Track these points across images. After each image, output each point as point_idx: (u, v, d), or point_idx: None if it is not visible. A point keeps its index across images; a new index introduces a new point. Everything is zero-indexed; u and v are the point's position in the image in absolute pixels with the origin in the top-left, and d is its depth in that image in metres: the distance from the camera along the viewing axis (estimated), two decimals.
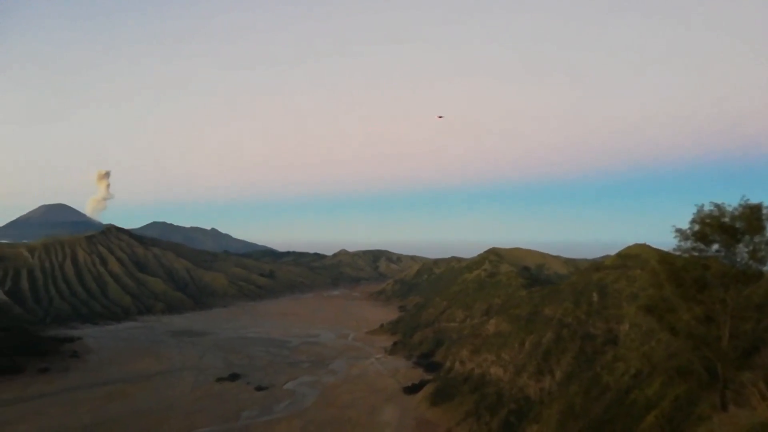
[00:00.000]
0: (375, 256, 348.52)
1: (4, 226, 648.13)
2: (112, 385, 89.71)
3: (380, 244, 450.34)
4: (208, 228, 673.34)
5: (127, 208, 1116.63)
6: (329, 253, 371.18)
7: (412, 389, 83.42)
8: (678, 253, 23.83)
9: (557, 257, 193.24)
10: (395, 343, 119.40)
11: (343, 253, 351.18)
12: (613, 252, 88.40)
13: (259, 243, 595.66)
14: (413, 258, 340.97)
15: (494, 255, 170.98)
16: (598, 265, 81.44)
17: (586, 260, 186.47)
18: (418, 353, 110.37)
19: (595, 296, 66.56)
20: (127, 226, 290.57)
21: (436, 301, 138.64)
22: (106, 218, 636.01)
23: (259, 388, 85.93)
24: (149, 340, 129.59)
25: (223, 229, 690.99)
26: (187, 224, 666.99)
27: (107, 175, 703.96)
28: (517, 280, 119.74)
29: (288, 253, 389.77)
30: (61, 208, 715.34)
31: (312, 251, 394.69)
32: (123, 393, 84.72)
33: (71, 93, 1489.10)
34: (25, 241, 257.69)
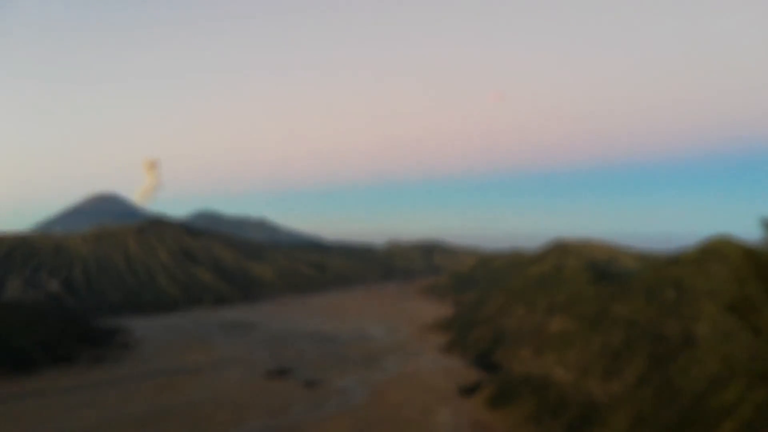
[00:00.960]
0: (429, 249, 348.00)
1: (56, 216, 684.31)
2: (163, 375, 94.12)
3: (435, 236, 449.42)
4: (257, 218, 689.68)
5: (176, 198, 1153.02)
6: (380, 245, 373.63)
7: (468, 390, 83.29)
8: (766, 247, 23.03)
9: (628, 251, 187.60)
10: (450, 341, 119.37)
11: (394, 245, 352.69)
12: (691, 245, 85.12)
13: (309, 234, 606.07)
14: (470, 250, 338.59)
15: (559, 248, 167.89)
16: (674, 260, 78.58)
17: (660, 254, 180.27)
18: (474, 352, 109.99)
19: (669, 293, 64.53)
20: (175, 216, 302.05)
21: (494, 296, 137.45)
22: (155, 208, 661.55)
23: (309, 384, 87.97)
24: (198, 332, 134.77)
25: (272, 219, 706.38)
26: (235, 214, 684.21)
27: (156, 164, 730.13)
28: (583, 276, 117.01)
29: (337, 245, 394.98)
30: (112, 197, 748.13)
31: (363, 243, 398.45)
32: (174, 384, 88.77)
33: (120, 81, 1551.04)
34: (76, 230, 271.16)
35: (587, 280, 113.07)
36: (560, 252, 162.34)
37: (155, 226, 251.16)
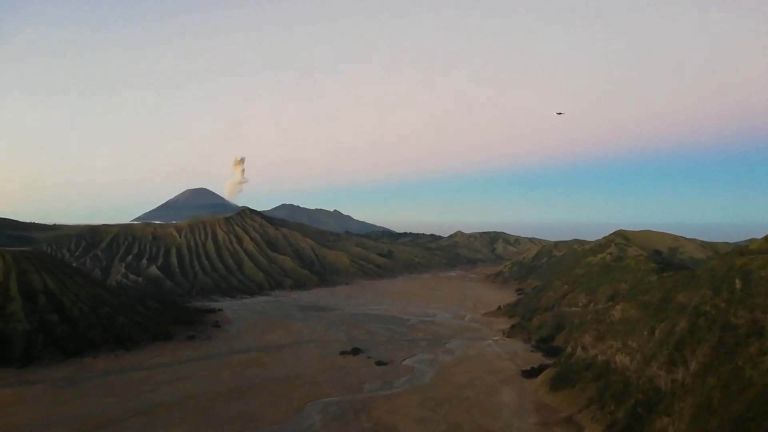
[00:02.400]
0: (492, 238, 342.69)
1: (155, 209, 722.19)
2: (249, 353, 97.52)
3: (497, 225, 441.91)
4: (331, 210, 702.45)
5: (260, 192, 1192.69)
6: (445, 234, 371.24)
7: (530, 373, 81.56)
8: None
9: (693, 240, 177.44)
10: (513, 326, 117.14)
11: (459, 234, 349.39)
12: (760, 235, 79.13)
13: (378, 224, 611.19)
14: (532, 240, 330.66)
15: (621, 238, 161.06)
16: (742, 250, 73.22)
17: (727, 244, 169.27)
18: (537, 337, 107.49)
19: (738, 283, 60.17)
20: (259, 208, 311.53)
21: (556, 284, 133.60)
22: (241, 201, 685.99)
23: (380, 363, 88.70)
24: (280, 314, 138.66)
25: (344, 211, 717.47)
26: (311, 206, 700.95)
27: (242, 161, 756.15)
28: (646, 265, 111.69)
29: (405, 234, 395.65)
30: (203, 191, 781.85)
31: (428, 232, 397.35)
32: (258, 361, 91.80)
33: (208, 83, 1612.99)
34: (173, 221, 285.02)
35: (650, 268, 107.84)
36: (622, 241, 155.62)
37: (241, 217, 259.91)
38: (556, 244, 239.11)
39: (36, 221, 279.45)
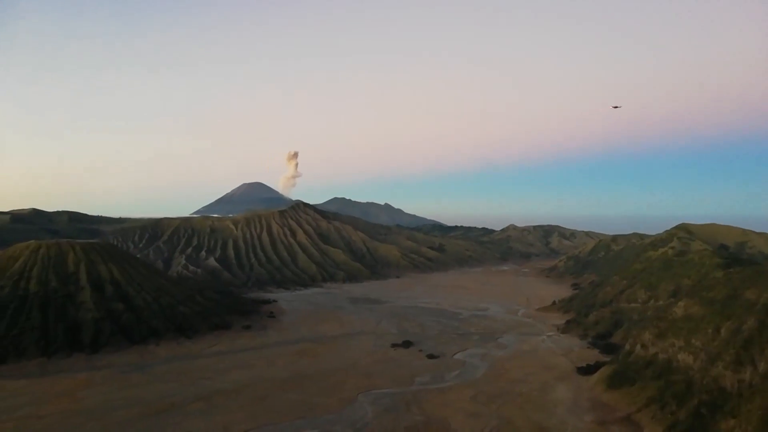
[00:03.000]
0: (546, 232, 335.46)
1: (213, 203, 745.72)
2: (302, 343, 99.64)
3: (552, 218, 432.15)
4: (382, 203, 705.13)
5: (312, 185, 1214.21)
6: (497, 227, 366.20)
7: (586, 370, 79.63)
8: None
9: (763, 234, 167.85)
10: (568, 322, 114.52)
11: (512, 228, 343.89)
12: None
13: (429, 217, 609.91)
14: (588, 234, 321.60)
15: (684, 231, 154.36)
16: None
17: None
18: (593, 333, 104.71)
19: None
20: (312, 202, 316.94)
21: (614, 279, 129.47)
22: (295, 194, 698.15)
23: (431, 356, 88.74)
24: (332, 305, 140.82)
25: (395, 204, 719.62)
26: (363, 200, 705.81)
27: (296, 155, 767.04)
28: (711, 260, 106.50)
29: (456, 228, 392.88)
30: (258, 186, 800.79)
31: (480, 226, 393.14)
32: (311, 351, 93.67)
33: (262, 83, 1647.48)
34: (230, 215, 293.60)
35: (716, 264, 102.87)
36: (684, 235, 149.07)
37: (295, 211, 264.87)
38: (615, 238, 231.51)
39: (104, 215, 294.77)
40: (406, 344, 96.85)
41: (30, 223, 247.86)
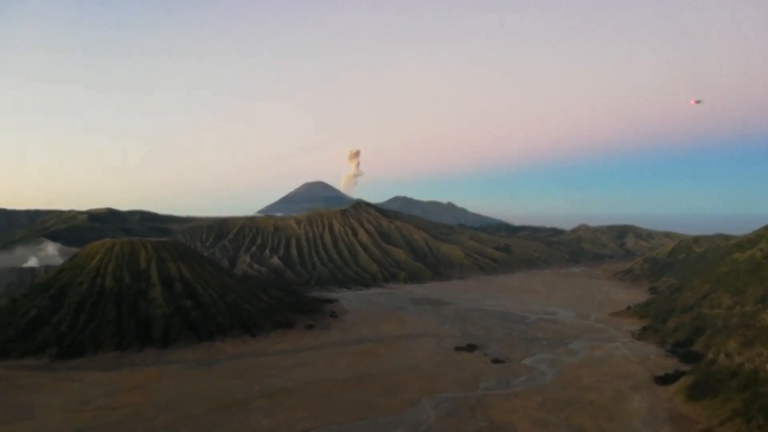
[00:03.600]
0: (621, 232, 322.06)
1: (276, 202, 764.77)
2: (364, 343, 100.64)
3: (627, 218, 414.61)
4: (445, 202, 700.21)
5: (374, 184, 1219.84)
6: (568, 227, 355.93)
7: (665, 379, 75.99)
8: None
9: None
10: (644, 328, 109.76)
11: (583, 228, 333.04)
12: None
13: (494, 217, 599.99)
14: (667, 234, 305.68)
15: None
16: None
17: None
18: (672, 340, 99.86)
19: None
20: (373, 201, 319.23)
21: (695, 283, 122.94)
22: (356, 193, 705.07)
23: (496, 361, 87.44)
24: (394, 306, 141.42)
25: (459, 203, 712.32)
26: (425, 198, 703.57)
27: (358, 154, 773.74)
28: None
29: (523, 228, 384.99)
30: (320, 185, 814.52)
31: (549, 225, 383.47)
32: (373, 352, 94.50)
33: (330, 83, 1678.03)
34: (292, 214, 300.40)
35: None
36: None
37: (356, 210, 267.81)
38: (696, 239, 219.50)
39: (173, 214, 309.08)
40: (470, 348, 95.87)
41: (105, 222, 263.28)
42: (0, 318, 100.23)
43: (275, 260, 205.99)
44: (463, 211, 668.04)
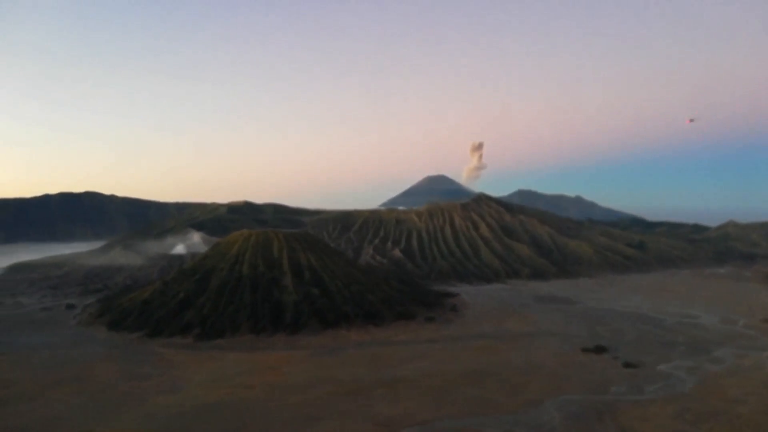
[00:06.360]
0: None
1: (398, 195, 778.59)
2: (485, 339, 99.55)
3: None
4: (572, 195, 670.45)
5: (497, 177, 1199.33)
6: (713, 224, 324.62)
7: None
8: None
9: None
10: None
11: (731, 224, 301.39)
12: None
13: (627, 211, 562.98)
14: None
15: None
16: None
17: None
18: None
19: None
20: (495, 194, 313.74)
21: None
22: (478, 187, 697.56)
23: (628, 365, 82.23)
24: (515, 302, 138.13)
25: (587, 197, 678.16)
26: (550, 192, 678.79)
27: (480, 146, 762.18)
28: None
29: (660, 224, 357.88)
30: (441, 178, 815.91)
31: (690, 221, 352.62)
32: (493, 348, 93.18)
33: (450, 76, 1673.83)
34: (414, 207, 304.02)
35: None
36: None
37: (477, 204, 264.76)
38: None
39: (303, 207, 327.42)
40: (599, 350, 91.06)
41: (243, 213, 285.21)
42: (155, 299, 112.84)
43: (397, 252, 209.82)
44: (592, 205, 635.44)
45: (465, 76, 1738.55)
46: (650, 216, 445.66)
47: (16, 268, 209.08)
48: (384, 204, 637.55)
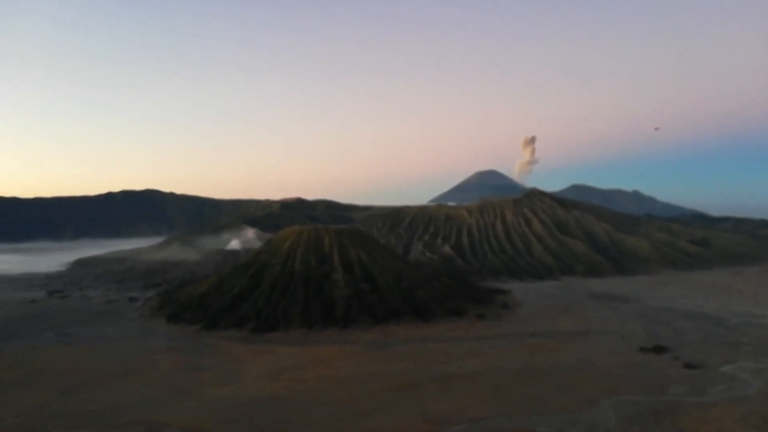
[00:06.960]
0: None
1: (449, 191, 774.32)
2: (537, 337, 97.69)
3: None
4: (629, 190, 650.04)
5: (550, 172, 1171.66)
6: None
7: None
8: None
9: None
10: None
11: None
12: None
13: (688, 206, 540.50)
14: None
15: None
16: None
17: None
18: None
19: None
20: (548, 189, 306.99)
21: None
22: (530, 182, 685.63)
23: (689, 366, 78.93)
24: (569, 300, 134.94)
25: (645, 191, 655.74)
26: (606, 186, 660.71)
27: (533, 140, 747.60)
28: None
29: (725, 219, 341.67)
30: (492, 173, 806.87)
31: (758, 216, 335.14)
32: (547, 346, 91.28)
33: (500, 73, 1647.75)
34: (464, 203, 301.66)
35: None
36: None
37: (530, 199, 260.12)
38: None
39: (353, 203, 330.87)
40: (658, 350, 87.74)
41: (295, 210, 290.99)
42: (211, 293, 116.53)
43: (446, 248, 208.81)
44: (650, 200, 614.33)
45: (517, 69, 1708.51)
46: (714, 211, 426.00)
47: (81, 263, 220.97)
48: (434, 200, 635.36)
